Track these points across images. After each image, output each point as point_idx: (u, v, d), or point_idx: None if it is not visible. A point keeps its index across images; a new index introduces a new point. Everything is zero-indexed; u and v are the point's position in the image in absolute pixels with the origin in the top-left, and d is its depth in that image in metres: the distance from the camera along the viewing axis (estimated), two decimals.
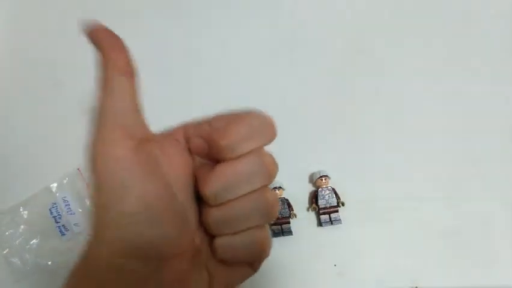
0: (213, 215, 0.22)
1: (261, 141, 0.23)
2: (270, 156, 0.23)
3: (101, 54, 0.22)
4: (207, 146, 0.23)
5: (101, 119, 0.21)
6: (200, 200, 0.23)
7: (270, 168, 0.23)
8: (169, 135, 0.24)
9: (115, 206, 0.20)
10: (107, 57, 0.21)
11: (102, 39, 0.22)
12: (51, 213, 0.43)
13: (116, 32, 0.22)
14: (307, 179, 0.46)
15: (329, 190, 0.44)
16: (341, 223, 0.43)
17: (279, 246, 0.43)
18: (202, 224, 0.23)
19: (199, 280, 0.23)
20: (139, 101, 0.22)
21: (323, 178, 0.44)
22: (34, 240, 0.43)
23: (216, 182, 0.22)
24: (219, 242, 0.23)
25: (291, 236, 0.43)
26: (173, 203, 0.22)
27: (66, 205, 0.43)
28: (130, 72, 0.22)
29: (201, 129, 0.24)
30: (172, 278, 0.22)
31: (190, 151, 0.24)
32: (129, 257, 0.21)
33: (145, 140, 0.22)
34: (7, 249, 0.43)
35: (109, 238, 0.21)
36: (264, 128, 0.23)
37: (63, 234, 0.43)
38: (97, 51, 0.22)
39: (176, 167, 0.23)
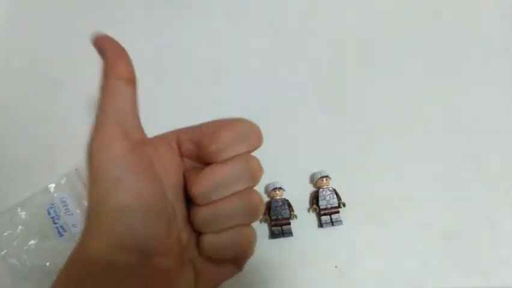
0: (201, 213, 0.24)
1: (247, 146, 0.24)
2: (256, 160, 0.25)
3: (105, 61, 0.23)
4: (197, 150, 0.25)
5: (102, 120, 0.23)
6: (189, 200, 0.25)
7: (255, 172, 0.24)
8: (162, 139, 0.26)
9: (108, 199, 0.21)
10: (111, 64, 0.23)
11: (107, 48, 0.23)
12: (49, 213, 0.43)
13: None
14: (308, 180, 0.45)
15: (329, 191, 0.43)
16: (342, 224, 0.43)
17: (279, 247, 0.42)
18: (190, 222, 0.25)
19: (186, 277, 0.24)
20: (137, 107, 0.24)
21: (324, 178, 0.43)
22: (32, 241, 0.43)
23: (204, 183, 0.23)
24: (205, 239, 0.24)
25: (291, 237, 0.43)
26: (163, 201, 0.23)
27: (64, 206, 0.43)
28: (131, 79, 0.23)
29: (192, 134, 0.25)
30: (159, 274, 0.23)
31: (181, 155, 0.26)
32: (120, 249, 0.22)
33: (141, 142, 0.23)
34: (5, 250, 0.42)
35: (102, 229, 0.22)
36: (250, 135, 0.25)
37: (61, 235, 0.43)
38: (102, 59, 0.23)
39: (168, 169, 0.25)
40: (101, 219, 0.22)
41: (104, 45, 0.23)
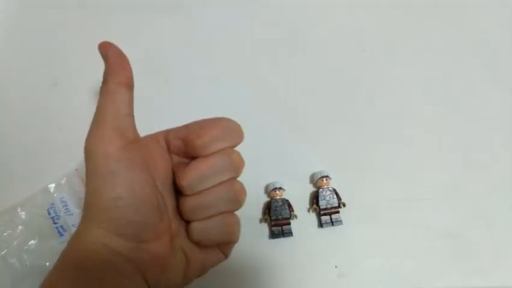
0: (188, 203, 0.26)
1: (229, 142, 0.27)
2: (238, 154, 0.27)
3: (107, 66, 0.25)
4: (184, 146, 0.27)
5: (100, 120, 0.25)
6: (177, 191, 0.28)
7: (237, 164, 0.27)
8: (153, 138, 0.29)
9: (105, 191, 0.24)
10: (112, 70, 0.25)
11: (110, 54, 0.25)
12: (49, 213, 0.43)
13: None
14: (308, 180, 0.45)
15: (329, 191, 0.43)
16: (342, 224, 0.43)
17: (279, 247, 0.42)
18: (179, 212, 0.27)
19: (177, 262, 0.27)
20: (132, 109, 0.26)
21: (324, 178, 0.43)
22: (32, 241, 0.43)
23: (191, 175, 0.26)
24: (193, 225, 0.27)
25: (291, 237, 0.43)
26: (155, 192, 0.26)
27: (64, 206, 0.43)
28: (129, 85, 0.25)
29: (180, 132, 0.28)
30: (153, 259, 0.25)
31: (169, 152, 0.29)
32: (116, 236, 0.24)
33: (134, 140, 0.25)
34: (5, 250, 0.42)
35: (99, 218, 0.24)
36: (232, 131, 0.27)
37: (61, 235, 0.43)
38: (104, 63, 0.25)
39: (158, 164, 0.27)
40: (99, 209, 0.24)
41: (108, 52, 0.25)
